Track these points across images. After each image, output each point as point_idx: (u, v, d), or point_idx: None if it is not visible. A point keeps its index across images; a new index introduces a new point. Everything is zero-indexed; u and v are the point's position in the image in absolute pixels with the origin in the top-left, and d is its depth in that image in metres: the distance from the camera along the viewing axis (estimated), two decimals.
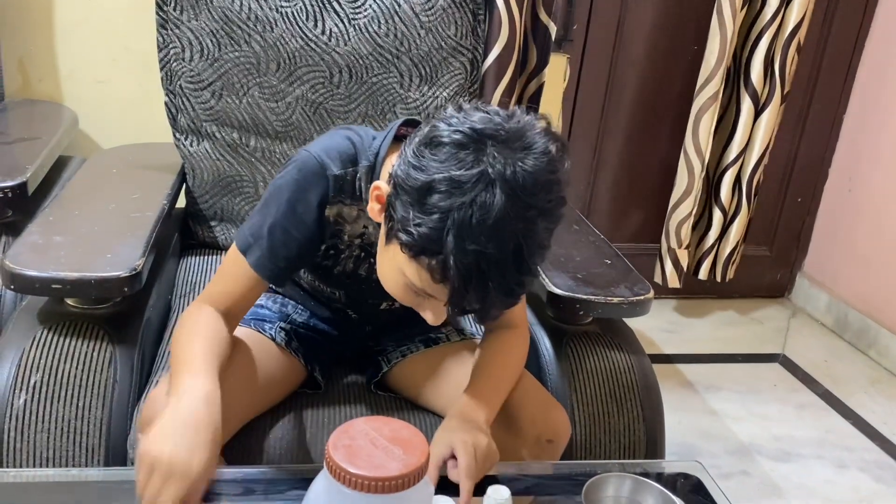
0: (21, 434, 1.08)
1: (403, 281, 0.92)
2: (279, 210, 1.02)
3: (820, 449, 1.98)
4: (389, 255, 0.92)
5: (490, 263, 0.84)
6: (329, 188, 1.03)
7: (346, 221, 1.07)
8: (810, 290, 2.72)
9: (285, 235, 1.02)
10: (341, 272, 1.13)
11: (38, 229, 1.24)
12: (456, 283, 0.85)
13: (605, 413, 1.26)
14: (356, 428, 0.76)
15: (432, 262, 0.85)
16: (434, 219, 0.83)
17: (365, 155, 1.04)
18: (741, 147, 2.31)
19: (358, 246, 1.10)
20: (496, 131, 0.86)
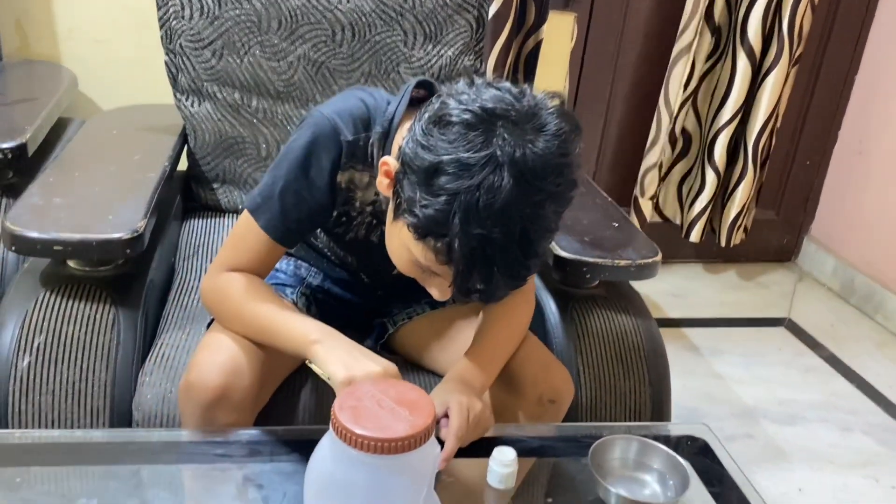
0: (26, 396, 1.08)
1: (410, 257, 0.91)
2: (291, 172, 1.01)
3: (825, 412, 1.98)
4: (396, 231, 0.91)
5: (495, 247, 0.83)
6: (342, 153, 1.01)
7: (358, 188, 1.05)
8: (817, 253, 2.70)
9: (296, 198, 1.01)
10: (353, 239, 1.12)
11: (39, 191, 1.23)
12: (460, 266, 0.85)
13: (610, 376, 1.25)
14: (362, 390, 0.76)
15: (437, 243, 0.84)
16: (440, 201, 0.82)
17: (379, 120, 1.02)
18: (735, 109, 2.26)
19: (370, 213, 1.09)
20: (507, 111, 0.84)
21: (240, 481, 0.92)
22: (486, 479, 0.94)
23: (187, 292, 1.34)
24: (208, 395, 0.97)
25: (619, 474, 0.97)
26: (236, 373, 0.98)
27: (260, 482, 0.92)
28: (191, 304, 1.31)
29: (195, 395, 0.98)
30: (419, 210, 0.84)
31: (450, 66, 1.54)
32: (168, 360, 1.16)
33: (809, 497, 1.68)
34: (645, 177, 2.34)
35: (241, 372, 0.99)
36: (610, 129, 2.49)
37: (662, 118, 2.26)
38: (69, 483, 0.91)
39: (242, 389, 0.99)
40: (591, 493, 0.95)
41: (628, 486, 0.95)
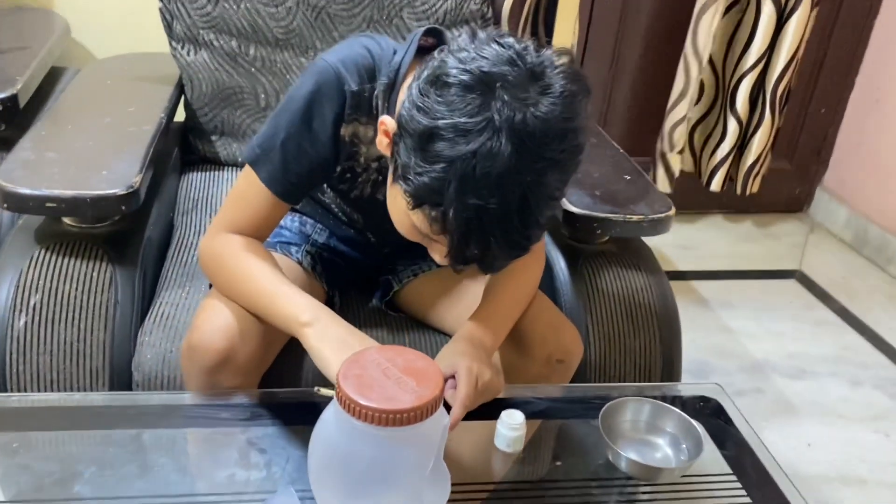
0: (23, 356, 1.06)
1: (409, 222, 0.87)
2: (293, 123, 0.96)
3: (835, 366, 1.96)
4: (396, 195, 0.87)
5: (492, 218, 0.78)
6: (345, 104, 0.96)
7: (362, 143, 1.01)
8: (830, 204, 2.65)
9: (298, 150, 0.97)
10: (358, 196, 1.08)
11: (31, 145, 1.19)
12: (455, 237, 0.80)
13: (621, 334, 1.22)
14: (368, 358, 0.73)
15: (432, 212, 0.80)
16: (436, 168, 0.77)
17: (385, 70, 0.97)
18: (759, 54, 2.19)
19: (375, 170, 1.05)
20: (508, 71, 0.78)
21: (242, 445, 0.90)
22: (493, 442, 0.92)
23: (187, 249, 1.31)
24: (212, 358, 0.94)
25: (631, 437, 0.95)
26: (240, 335, 0.96)
27: (263, 446, 0.90)
28: (190, 261, 1.28)
29: (198, 358, 0.95)
30: (414, 177, 0.80)
31: (455, 11, 1.47)
32: (168, 320, 1.13)
33: (818, 451, 1.67)
34: (674, 131, 2.27)
35: (244, 334, 0.96)
36: (619, 77, 2.42)
37: (691, 68, 2.18)
38: (68, 448, 0.89)
39: (246, 352, 0.96)
40: (602, 456, 0.93)
41: (639, 450, 0.93)
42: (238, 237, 0.99)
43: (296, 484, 0.83)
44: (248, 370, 0.98)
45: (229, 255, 0.98)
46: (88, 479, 0.82)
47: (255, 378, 1.01)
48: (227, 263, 0.98)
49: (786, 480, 0.91)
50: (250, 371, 0.99)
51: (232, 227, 1.00)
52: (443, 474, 0.78)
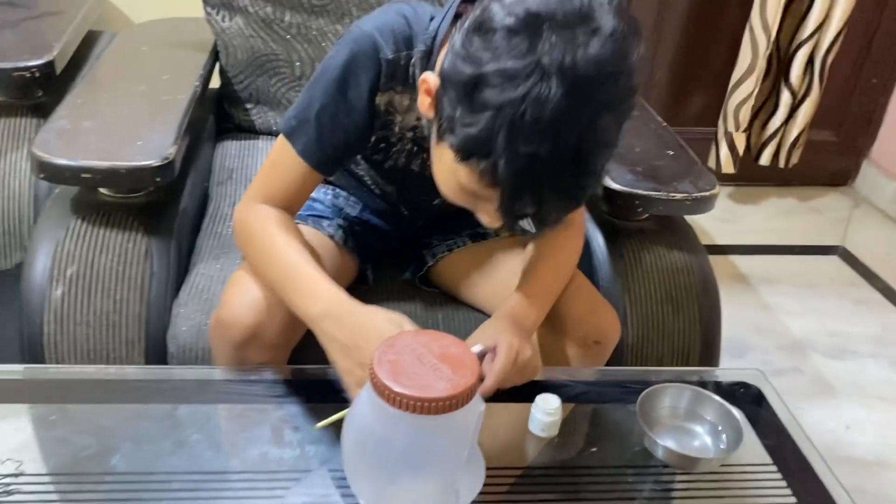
0: (60, 327, 1.07)
1: (456, 182, 0.84)
2: (328, 93, 0.94)
3: (877, 347, 1.91)
4: (440, 155, 0.84)
5: (545, 166, 0.75)
6: (381, 73, 0.94)
7: (398, 112, 0.99)
8: (877, 178, 2.57)
9: (333, 121, 0.95)
10: (393, 167, 1.06)
11: (67, 113, 1.18)
12: (507, 190, 0.77)
13: (660, 315, 1.20)
14: (403, 342, 0.71)
15: (482, 165, 0.77)
16: (484, 117, 0.74)
17: (421, 37, 0.94)
18: (818, 22, 2.11)
19: (410, 139, 1.02)
20: (555, 11, 0.74)
21: (276, 422, 0.90)
22: (528, 427, 0.90)
23: (221, 220, 1.30)
24: (240, 333, 0.94)
25: (669, 424, 0.93)
26: (268, 311, 0.95)
27: (296, 424, 0.90)
28: (225, 232, 1.27)
29: (226, 332, 0.95)
30: (461, 129, 0.76)
31: None
32: (202, 292, 1.13)
33: (856, 434, 1.64)
34: (739, 109, 2.20)
35: (273, 309, 0.95)
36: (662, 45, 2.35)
37: (759, 43, 2.10)
38: (104, 421, 0.89)
39: (274, 328, 0.96)
40: (638, 443, 0.91)
41: (677, 438, 0.91)
42: (271, 210, 0.98)
43: (329, 464, 0.82)
44: (276, 346, 0.98)
45: (260, 229, 0.97)
46: (124, 453, 0.82)
47: (283, 354, 1.01)
48: (256, 238, 0.97)
49: (829, 474, 0.88)
50: (279, 347, 0.99)
51: (265, 197, 0.99)
52: (478, 461, 0.77)
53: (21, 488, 0.77)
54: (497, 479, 0.83)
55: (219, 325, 0.96)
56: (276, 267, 0.94)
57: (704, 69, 2.39)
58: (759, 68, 2.15)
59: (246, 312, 0.94)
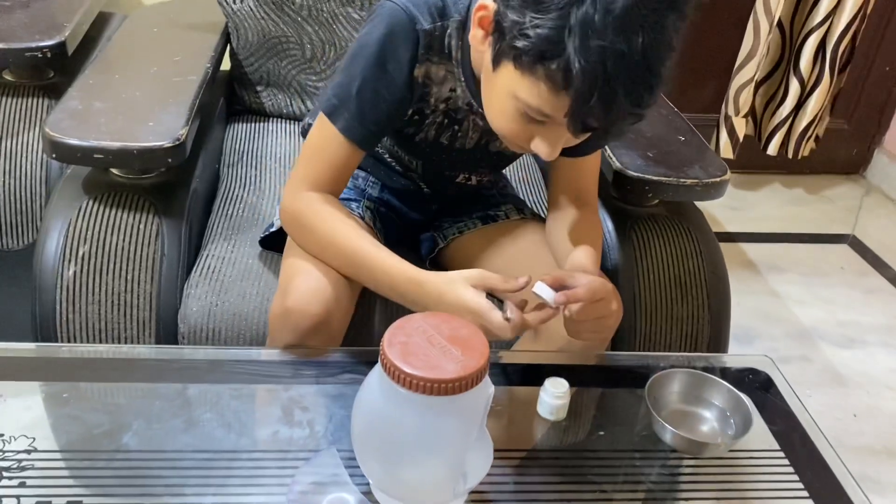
0: (73, 305, 1.07)
1: (515, 107, 0.84)
2: (368, 69, 0.94)
3: (886, 336, 1.91)
4: (499, 83, 0.84)
5: (617, 62, 0.75)
6: (419, 45, 0.94)
7: (434, 83, 0.99)
8: (888, 167, 2.55)
9: (375, 96, 0.95)
10: (423, 140, 1.06)
11: (79, 94, 1.18)
12: (580, 88, 0.77)
13: (669, 300, 1.20)
14: (413, 324, 0.72)
15: (552, 66, 0.77)
16: (553, 16, 0.75)
17: (455, 7, 0.94)
18: (828, 10, 2.09)
19: (442, 112, 1.02)
20: None
21: (286, 402, 0.90)
22: (536, 410, 0.91)
23: (232, 202, 1.31)
24: (308, 321, 0.94)
25: (677, 409, 0.93)
26: (336, 300, 0.96)
27: (305, 404, 0.90)
28: (236, 213, 1.28)
29: (294, 321, 0.95)
30: (530, 31, 0.77)
31: None
32: (213, 273, 1.14)
33: (864, 423, 1.64)
34: (739, 94, 2.19)
35: (339, 299, 0.97)
36: None
37: (761, 27, 2.08)
38: (116, 399, 0.90)
39: (340, 315, 0.98)
40: (646, 427, 0.91)
41: (686, 422, 0.91)
42: (321, 196, 0.98)
43: (338, 444, 0.83)
44: (338, 333, 1.00)
45: (319, 219, 0.97)
46: (136, 432, 0.83)
47: (340, 340, 1.01)
48: (318, 227, 0.97)
49: (837, 460, 0.89)
50: (340, 333, 1.00)
51: (312, 183, 0.98)
52: (486, 442, 0.77)
53: (34, 464, 0.78)
54: (505, 462, 0.84)
55: (284, 313, 0.96)
56: (344, 252, 0.96)
57: (715, 56, 2.37)
58: (761, 53, 2.13)
59: (313, 301, 0.94)
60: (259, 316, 1.10)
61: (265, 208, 1.30)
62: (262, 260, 1.17)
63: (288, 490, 0.77)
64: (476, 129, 1.05)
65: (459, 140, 1.06)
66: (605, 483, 0.85)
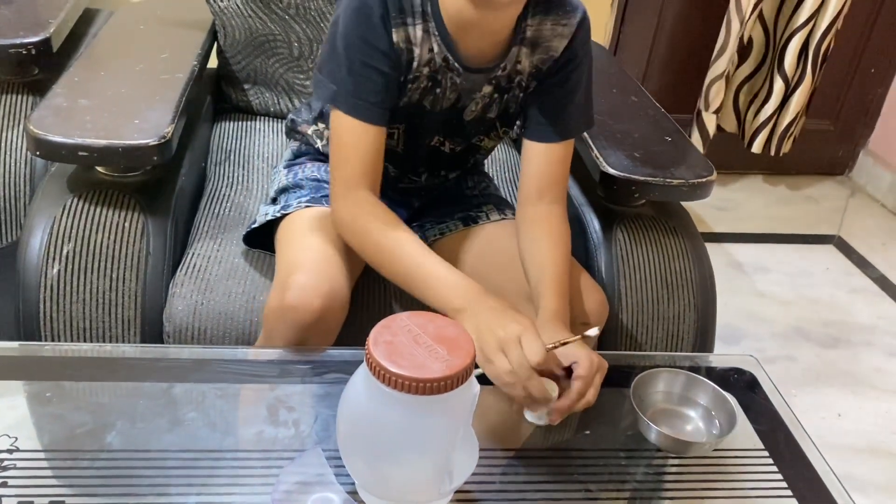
0: (56, 304, 1.07)
1: None
2: (350, 47, 0.95)
3: (870, 336, 1.92)
4: None
5: None
6: (388, 7, 0.94)
7: (415, 45, 0.98)
8: (873, 168, 2.57)
9: (366, 69, 0.95)
10: (407, 104, 1.05)
11: (63, 91, 1.18)
12: None
13: (654, 300, 1.20)
14: (398, 323, 0.71)
15: None
16: None
17: None
18: (812, 10, 2.10)
19: (426, 76, 1.02)
20: None
21: (272, 402, 0.90)
22: (523, 413, 0.91)
23: (219, 200, 1.30)
24: (308, 318, 0.94)
25: (662, 408, 0.93)
26: (333, 296, 0.96)
27: (291, 404, 0.90)
28: (222, 212, 1.27)
29: (294, 317, 0.94)
30: None
31: None
32: (199, 271, 1.13)
33: (848, 422, 1.65)
34: (710, 88, 2.20)
35: (338, 296, 0.97)
36: (662, 31, 2.35)
37: (732, 25, 2.10)
38: (99, 398, 0.90)
39: (338, 312, 0.97)
40: (632, 427, 0.91)
41: (671, 422, 0.92)
42: (371, 202, 0.98)
43: (324, 444, 0.83)
44: (336, 328, 0.99)
45: (375, 229, 0.97)
46: (120, 431, 0.82)
47: (335, 335, 1.01)
48: (374, 238, 0.97)
49: (820, 459, 0.89)
50: (337, 329, 1.00)
51: (353, 180, 0.98)
52: (471, 442, 0.77)
53: (16, 464, 0.77)
54: (490, 461, 0.84)
55: (283, 308, 0.95)
56: (401, 262, 0.96)
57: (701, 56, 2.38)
58: (730, 50, 2.14)
59: (313, 297, 0.94)
60: (245, 315, 1.09)
61: (252, 207, 1.30)
62: (248, 258, 1.16)
63: (273, 490, 0.77)
64: (454, 88, 1.04)
65: (438, 101, 1.06)
66: (591, 482, 0.86)
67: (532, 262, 1.03)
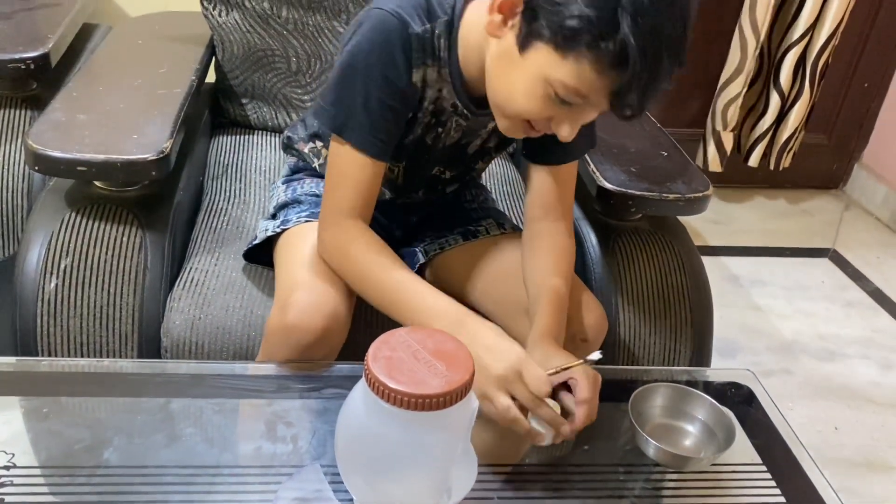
0: (54, 319, 1.06)
1: (545, 90, 0.84)
2: (370, 81, 0.93)
3: (866, 349, 1.93)
4: (527, 66, 0.84)
5: (666, 40, 0.79)
6: (412, 48, 0.94)
7: (428, 85, 0.98)
8: (867, 181, 2.59)
9: (382, 106, 0.94)
10: (411, 140, 1.05)
11: (62, 106, 1.18)
12: (636, 67, 0.79)
13: (651, 314, 1.20)
14: (397, 338, 0.72)
15: (607, 46, 0.78)
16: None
17: (441, 8, 0.94)
18: (808, 24, 2.12)
19: (430, 112, 1.02)
20: None
21: (269, 417, 0.90)
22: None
23: (216, 214, 1.30)
24: (310, 337, 0.94)
25: (660, 423, 0.93)
26: (336, 316, 0.96)
27: (290, 419, 0.90)
28: (220, 226, 1.27)
29: (296, 336, 0.94)
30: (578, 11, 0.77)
31: None
32: (197, 286, 1.13)
33: (845, 436, 1.65)
34: (727, 109, 2.21)
35: (339, 315, 0.97)
36: None
37: (748, 42, 2.11)
38: (97, 414, 0.89)
39: (339, 331, 0.97)
40: (630, 441, 0.91)
41: (669, 437, 0.92)
42: (360, 230, 0.98)
43: (322, 459, 0.83)
44: (337, 347, 0.99)
45: (362, 256, 0.97)
46: (117, 447, 0.82)
47: (337, 354, 1.01)
48: (360, 266, 0.97)
49: (818, 474, 0.89)
50: (338, 347, 1.00)
51: (346, 210, 0.98)
52: (470, 458, 0.77)
53: (13, 480, 0.77)
54: (489, 476, 0.84)
55: (285, 328, 0.95)
56: (387, 290, 0.95)
57: (697, 71, 2.40)
58: (748, 69, 2.15)
59: (315, 317, 0.94)
60: (243, 329, 1.09)
61: (249, 221, 1.30)
62: (246, 273, 1.16)
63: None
64: (458, 128, 1.05)
65: (442, 139, 1.06)
66: (590, 498, 0.86)
67: (531, 277, 1.03)
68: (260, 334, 1.08)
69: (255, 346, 1.08)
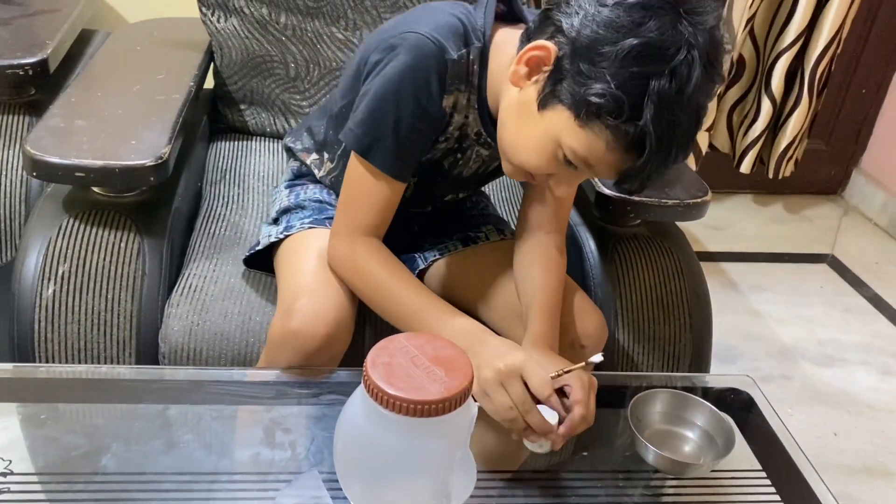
0: (51, 325, 1.06)
1: (553, 150, 0.85)
2: (403, 105, 0.93)
3: (865, 354, 1.93)
4: (542, 124, 0.85)
5: (681, 133, 0.81)
6: (447, 74, 0.93)
7: (457, 111, 0.98)
8: (866, 187, 2.59)
9: (411, 131, 0.94)
10: (428, 160, 1.05)
11: (60, 112, 1.18)
12: (650, 153, 0.80)
13: (650, 320, 1.20)
14: (396, 345, 0.71)
15: (627, 128, 0.79)
16: (636, 82, 0.77)
17: (475, 34, 0.94)
18: (798, 31, 2.12)
19: (455, 138, 1.02)
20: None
21: (268, 424, 0.89)
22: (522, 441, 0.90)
23: (214, 220, 1.30)
24: (313, 344, 0.94)
25: (659, 429, 0.93)
26: (339, 323, 0.96)
27: (288, 426, 0.89)
28: (218, 232, 1.27)
29: (299, 342, 0.94)
30: (607, 89, 0.78)
31: None
32: (195, 292, 1.13)
33: (844, 441, 1.65)
34: None
35: (343, 322, 0.97)
36: None
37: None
38: (94, 420, 0.89)
39: (342, 338, 0.97)
40: (629, 448, 0.91)
41: (668, 443, 0.92)
42: (375, 247, 0.98)
43: (320, 466, 0.82)
44: (340, 354, 0.99)
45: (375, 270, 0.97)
46: (115, 454, 0.82)
47: (339, 360, 1.01)
48: (370, 276, 0.97)
49: (817, 480, 0.89)
50: (341, 354, 1.00)
51: (362, 227, 0.98)
52: (469, 464, 0.77)
53: (10, 487, 0.77)
54: (488, 483, 0.83)
55: (288, 335, 0.95)
56: (401, 304, 0.95)
57: None
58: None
59: (319, 324, 0.94)
60: (241, 335, 1.09)
61: (248, 227, 1.30)
62: (244, 279, 1.16)
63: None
64: (478, 158, 1.05)
65: (459, 167, 1.06)
66: None
67: (524, 287, 1.03)
68: (258, 340, 1.08)
69: (253, 352, 1.08)
